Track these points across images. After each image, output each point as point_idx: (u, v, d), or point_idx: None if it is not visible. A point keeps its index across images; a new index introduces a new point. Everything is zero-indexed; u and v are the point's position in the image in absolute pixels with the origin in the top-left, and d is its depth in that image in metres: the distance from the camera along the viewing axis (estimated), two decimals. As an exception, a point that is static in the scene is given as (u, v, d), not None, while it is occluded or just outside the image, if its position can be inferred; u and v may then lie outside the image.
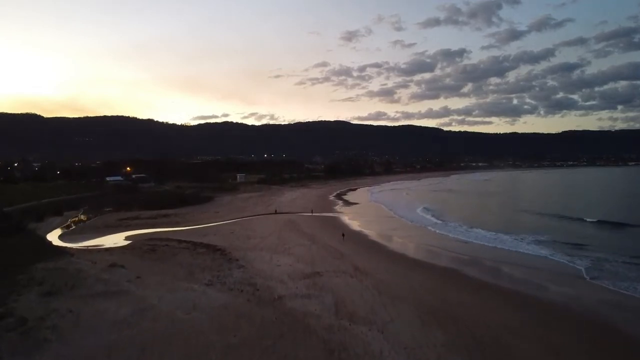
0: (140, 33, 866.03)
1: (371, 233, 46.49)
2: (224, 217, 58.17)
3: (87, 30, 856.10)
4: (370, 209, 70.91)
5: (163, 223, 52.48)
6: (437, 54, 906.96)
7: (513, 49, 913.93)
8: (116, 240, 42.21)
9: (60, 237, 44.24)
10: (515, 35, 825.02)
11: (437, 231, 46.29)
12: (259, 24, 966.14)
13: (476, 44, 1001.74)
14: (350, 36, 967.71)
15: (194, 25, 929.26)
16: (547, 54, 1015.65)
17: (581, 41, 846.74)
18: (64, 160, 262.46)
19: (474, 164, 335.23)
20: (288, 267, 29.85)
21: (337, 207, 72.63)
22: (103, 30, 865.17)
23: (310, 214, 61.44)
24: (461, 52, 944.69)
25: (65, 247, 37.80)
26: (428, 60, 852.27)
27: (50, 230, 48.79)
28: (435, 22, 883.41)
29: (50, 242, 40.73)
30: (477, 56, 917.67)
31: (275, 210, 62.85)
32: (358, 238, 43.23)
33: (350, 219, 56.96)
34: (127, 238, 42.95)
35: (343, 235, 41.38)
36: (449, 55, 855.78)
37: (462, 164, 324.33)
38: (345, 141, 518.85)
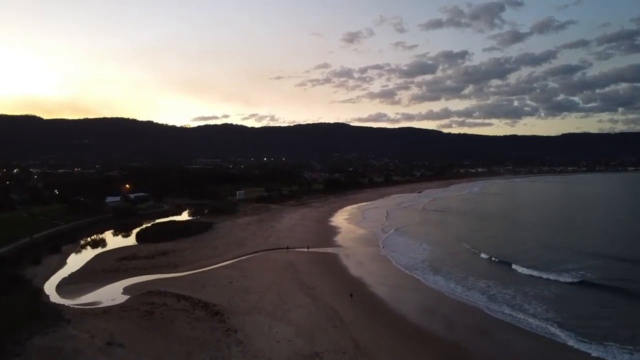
0: (141, 35, 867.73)
1: (368, 281, 46.72)
2: (223, 255, 57.97)
3: (88, 31, 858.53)
4: (366, 239, 72.16)
5: (161, 266, 52.17)
6: (439, 55, 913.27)
7: (515, 50, 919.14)
8: (114, 293, 41.90)
9: (58, 289, 43.87)
10: (517, 37, 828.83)
11: (432, 284, 45.53)
12: (260, 26, 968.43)
13: (478, 46, 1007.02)
14: (351, 38, 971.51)
15: (195, 27, 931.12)
16: (549, 56, 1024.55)
17: (583, 43, 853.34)
18: (64, 165, 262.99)
19: (473, 170, 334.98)
20: (287, 344, 29.61)
21: (336, 238, 72.74)
22: (104, 32, 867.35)
23: (307, 250, 61.59)
24: (463, 54, 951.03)
25: (62, 307, 37.55)
26: (429, 62, 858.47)
27: (48, 276, 48.52)
28: (437, 24, 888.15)
29: (47, 298, 40.50)
30: (478, 58, 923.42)
31: (287, 247, 63.21)
32: (356, 289, 42.92)
33: (348, 259, 56.93)
34: (125, 290, 42.66)
35: (351, 295, 40.63)
36: (451, 57, 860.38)
37: (461, 171, 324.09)
38: (345, 143, 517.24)
